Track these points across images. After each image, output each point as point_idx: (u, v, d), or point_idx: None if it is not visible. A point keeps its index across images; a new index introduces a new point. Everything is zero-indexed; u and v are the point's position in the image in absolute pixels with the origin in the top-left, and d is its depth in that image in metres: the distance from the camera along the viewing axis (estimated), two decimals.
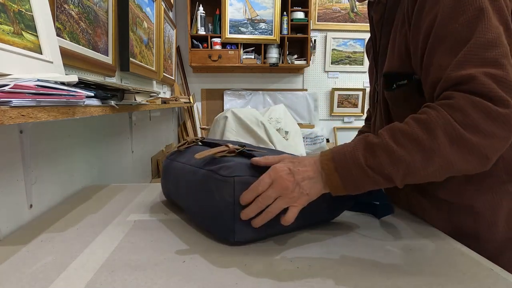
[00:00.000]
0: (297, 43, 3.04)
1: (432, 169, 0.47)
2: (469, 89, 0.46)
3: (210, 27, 2.91)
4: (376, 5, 0.69)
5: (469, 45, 0.47)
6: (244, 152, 0.59)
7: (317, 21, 3.20)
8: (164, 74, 2.11)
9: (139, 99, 1.09)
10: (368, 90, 3.28)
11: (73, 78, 0.60)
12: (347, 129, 3.38)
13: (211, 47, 2.85)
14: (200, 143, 0.72)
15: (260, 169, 0.54)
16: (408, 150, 0.47)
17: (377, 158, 0.48)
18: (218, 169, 0.54)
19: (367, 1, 0.73)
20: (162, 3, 2.05)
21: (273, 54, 2.92)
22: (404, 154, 0.47)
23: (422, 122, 0.47)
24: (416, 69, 0.57)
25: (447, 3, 0.50)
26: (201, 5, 2.83)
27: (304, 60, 2.99)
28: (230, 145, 0.60)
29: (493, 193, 0.58)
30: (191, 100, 2.89)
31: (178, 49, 2.98)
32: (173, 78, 2.53)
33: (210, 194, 0.54)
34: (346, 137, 3.31)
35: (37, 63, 0.64)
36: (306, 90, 3.26)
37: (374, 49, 0.74)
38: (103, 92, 0.78)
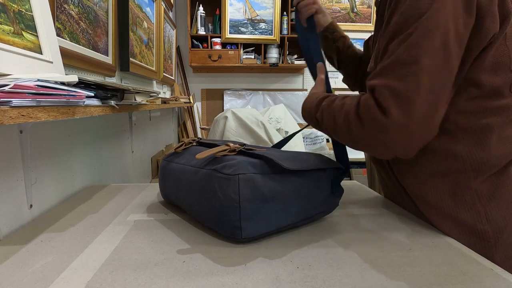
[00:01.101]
0: (297, 43, 3.03)
1: (336, 135, 0.63)
2: (373, 95, 0.55)
3: (210, 27, 2.91)
4: (375, 5, 0.74)
5: (390, 59, 0.55)
6: (245, 150, 0.60)
7: None
8: (164, 74, 2.11)
9: (139, 99, 1.09)
10: None
11: (73, 78, 0.60)
12: None
13: (211, 47, 2.85)
14: (196, 144, 0.72)
15: (263, 166, 0.55)
16: (328, 118, 0.63)
17: (317, 113, 0.67)
18: (221, 168, 0.54)
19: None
20: (162, 3, 2.05)
21: (273, 54, 2.92)
22: (325, 118, 0.64)
23: (343, 104, 0.61)
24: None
25: (396, 20, 0.55)
26: (201, 5, 2.83)
27: (304, 60, 2.99)
28: (231, 144, 0.60)
29: (458, 190, 0.60)
30: (191, 100, 2.89)
31: (178, 49, 2.98)
32: (173, 78, 2.53)
33: (213, 193, 0.55)
34: None
35: (37, 63, 0.64)
36: (306, 90, 3.26)
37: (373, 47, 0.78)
38: (103, 92, 0.78)
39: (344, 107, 0.60)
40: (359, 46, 0.94)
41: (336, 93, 3.54)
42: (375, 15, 0.75)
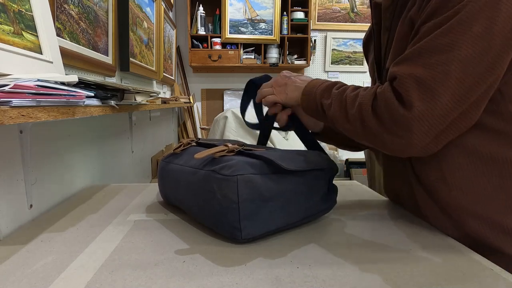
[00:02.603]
0: (297, 43, 3.04)
1: (344, 127, 0.59)
2: (393, 85, 0.51)
3: (210, 27, 2.91)
4: None
5: (420, 44, 0.50)
6: (244, 151, 0.60)
7: (317, 21, 3.20)
8: (164, 74, 2.11)
9: (139, 99, 1.09)
10: None
11: (73, 78, 0.60)
12: None
13: (211, 47, 2.86)
14: (195, 144, 0.72)
15: (262, 167, 0.55)
16: (339, 111, 0.59)
17: (325, 103, 0.61)
18: (219, 169, 0.54)
19: None
20: (162, 3, 2.05)
21: (273, 54, 2.92)
22: (336, 111, 0.59)
23: (356, 95, 0.56)
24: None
25: (437, 1, 0.49)
26: (201, 5, 2.83)
27: (304, 60, 3.00)
28: (230, 144, 0.60)
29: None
30: (191, 100, 2.89)
31: (178, 49, 2.98)
32: (173, 78, 2.53)
33: (212, 194, 0.54)
34: None
35: (37, 63, 0.64)
36: None
37: (378, 41, 0.69)
38: (103, 92, 0.78)
39: (358, 99, 0.55)
40: (359, 46, 0.93)
41: None
42: (384, 1, 0.64)
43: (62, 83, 0.58)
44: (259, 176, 0.54)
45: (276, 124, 0.79)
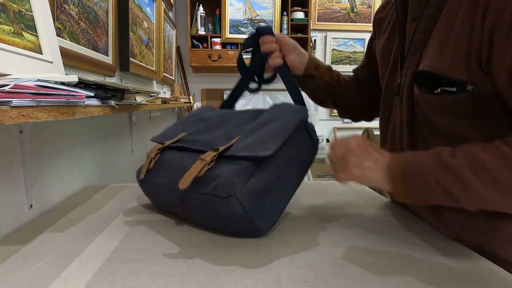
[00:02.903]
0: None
1: (508, 206, 0.46)
2: None
3: (210, 27, 2.91)
4: None
5: None
6: (223, 154, 0.56)
7: (317, 21, 3.20)
8: (164, 74, 2.11)
9: (139, 99, 1.09)
10: None
11: (73, 78, 0.60)
12: (347, 129, 3.38)
13: (211, 47, 2.85)
14: (160, 150, 0.67)
15: (247, 168, 0.54)
16: (485, 184, 0.44)
17: (448, 181, 0.46)
18: (213, 190, 0.53)
19: None
20: (162, 3, 2.05)
21: None
22: (479, 186, 0.44)
23: (505, 157, 0.43)
24: (499, 88, 0.46)
25: None
26: (201, 5, 2.83)
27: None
28: (204, 156, 0.56)
29: None
30: (191, 100, 2.89)
31: (178, 49, 2.98)
32: (173, 78, 2.53)
33: (216, 214, 0.55)
34: None
35: (37, 63, 0.64)
36: None
37: (402, 31, 0.62)
38: (103, 92, 0.78)
39: (508, 162, 0.42)
40: (359, 46, 0.92)
41: None
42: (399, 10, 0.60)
43: (62, 83, 0.58)
44: (250, 180, 0.53)
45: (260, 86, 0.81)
